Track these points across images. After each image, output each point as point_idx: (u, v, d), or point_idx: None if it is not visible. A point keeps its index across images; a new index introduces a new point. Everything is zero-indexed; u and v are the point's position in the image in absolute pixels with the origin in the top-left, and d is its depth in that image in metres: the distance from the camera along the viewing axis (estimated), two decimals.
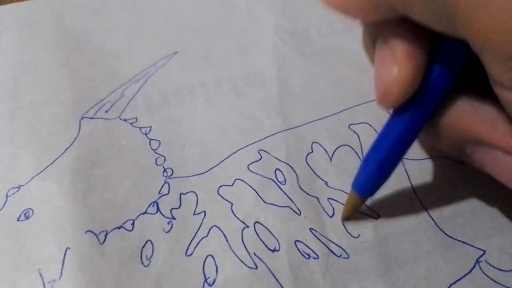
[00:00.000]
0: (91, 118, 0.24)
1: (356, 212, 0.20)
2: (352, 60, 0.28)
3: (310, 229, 0.20)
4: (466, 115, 0.16)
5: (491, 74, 0.14)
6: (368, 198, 0.19)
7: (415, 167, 0.22)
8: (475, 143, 0.16)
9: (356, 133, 0.24)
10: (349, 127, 0.24)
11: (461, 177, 0.22)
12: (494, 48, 0.13)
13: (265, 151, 0.23)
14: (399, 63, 0.15)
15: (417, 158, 0.23)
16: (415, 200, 0.21)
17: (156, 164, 0.22)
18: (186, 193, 0.21)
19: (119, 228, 0.20)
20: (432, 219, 0.20)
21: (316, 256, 0.19)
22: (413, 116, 0.17)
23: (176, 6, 0.32)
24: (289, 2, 0.32)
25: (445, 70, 0.16)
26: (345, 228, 0.20)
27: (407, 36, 0.15)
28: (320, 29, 0.30)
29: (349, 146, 0.23)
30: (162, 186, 0.21)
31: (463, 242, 0.20)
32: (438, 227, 0.20)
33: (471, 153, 0.17)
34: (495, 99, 0.15)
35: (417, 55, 0.15)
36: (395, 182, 0.22)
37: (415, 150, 0.23)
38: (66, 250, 0.19)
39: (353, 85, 0.26)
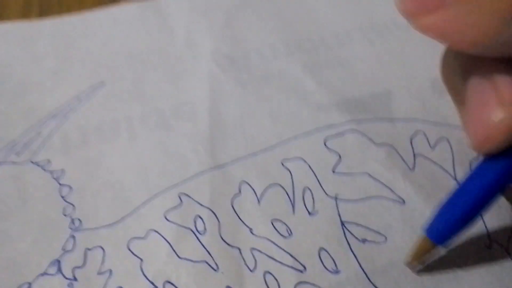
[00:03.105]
0: None
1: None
2: (292, 87, 0.26)
3: (227, 287, 0.18)
4: None
5: None
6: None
7: (350, 208, 0.20)
8: None
9: (289, 170, 0.22)
10: (282, 163, 0.22)
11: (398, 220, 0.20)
12: None
13: (186, 194, 0.21)
14: (506, 107, 0.14)
15: (354, 198, 0.21)
16: (347, 250, 0.19)
17: (64, 214, 0.20)
18: (92, 249, 0.19)
19: None
20: (364, 271, 0.18)
21: None
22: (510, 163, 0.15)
23: (110, 32, 0.29)
24: (230, 22, 0.30)
25: None
26: (266, 284, 0.18)
27: None
28: (261, 51, 0.28)
29: (280, 185, 0.21)
30: (67, 240, 0.19)
31: None
32: (370, 281, 0.18)
33: None
34: None
35: None
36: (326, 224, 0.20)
37: (351, 189, 0.21)
38: None
39: (291, 116, 0.24)
